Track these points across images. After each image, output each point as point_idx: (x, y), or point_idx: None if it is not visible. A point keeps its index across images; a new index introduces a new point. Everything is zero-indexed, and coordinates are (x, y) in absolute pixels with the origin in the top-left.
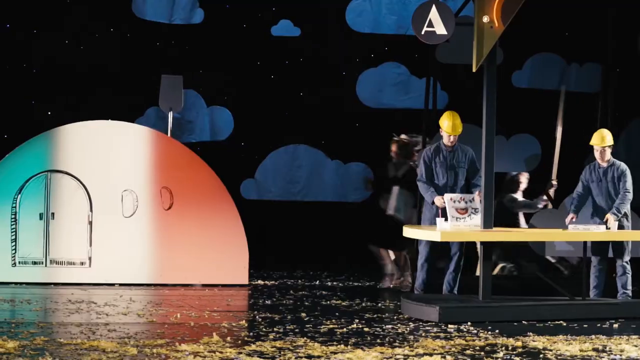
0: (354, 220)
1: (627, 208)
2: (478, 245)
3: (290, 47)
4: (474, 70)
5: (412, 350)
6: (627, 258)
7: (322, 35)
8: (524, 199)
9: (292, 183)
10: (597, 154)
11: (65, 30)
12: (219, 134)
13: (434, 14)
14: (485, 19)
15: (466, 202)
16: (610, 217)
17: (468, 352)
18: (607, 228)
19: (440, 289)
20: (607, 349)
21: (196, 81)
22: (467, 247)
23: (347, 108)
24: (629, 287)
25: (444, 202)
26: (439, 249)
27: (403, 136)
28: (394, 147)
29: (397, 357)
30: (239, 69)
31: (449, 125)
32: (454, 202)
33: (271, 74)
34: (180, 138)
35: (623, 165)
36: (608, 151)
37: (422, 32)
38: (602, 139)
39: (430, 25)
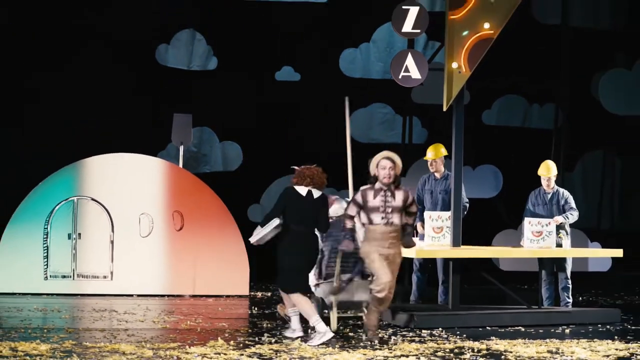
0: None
1: (572, 221)
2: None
3: (291, 90)
4: (444, 109)
5: (390, 352)
6: (568, 272)
7: (319, 79)
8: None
9: None
10: (543, 182)
11: (97, 74)
12: (230, 165)
13: (409, 61)
14: (454, 65)
15: (442, 221)
16: (558, 218)
17: (439, 354)
18: (558, 233)
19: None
20: (560, 351)
21: (211, 119)
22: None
23: (341, 143)
24: (570, 297)
25: (423, 230)
26: (428, 264)
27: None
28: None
29: (378, 358)
30: (248, 108)
31: (429, 152)
32: (432, 220)
33: (275, 112)
34: (196, 169)
35: (566, 192)
36: (553, 180)
37: (400, 77)
38: (547, 170)
39: (407, 70)
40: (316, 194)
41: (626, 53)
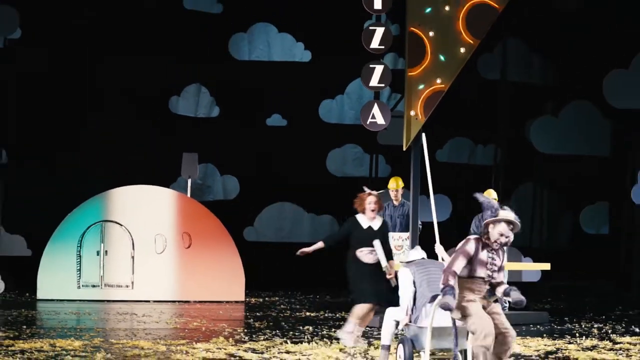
0: (323, 255)
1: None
2: None
3: (280, 133)
4: (404, 149)
5: (360, 347)
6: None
7: (303, 125)
8: None
9: (280, 230)
10: None
11: (123, 121)
12: (229, 195)
13: (375, 109)
14: (412, 112)
15: (402, 240)
16: None
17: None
18: None
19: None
20: None
21: (214, 157)
22: None
23: (320, 176)
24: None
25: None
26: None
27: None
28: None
29: (350, 351)
30: (245, 148)
31: (390, 183)
32: (394, 239)
33: (267, 152)
34: (201, 197)
35: None
36: None
37: (368, 122)
38: (489, 194)
39: (373, 117)
40: None
41: (553, 103)
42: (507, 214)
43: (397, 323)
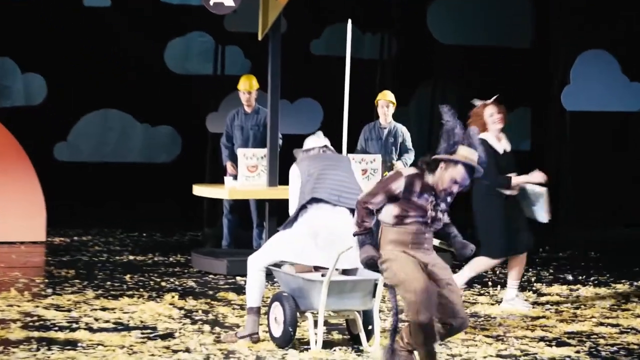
0: (162, 180)
1: (409, 164)
2: None
3: (101, 17)
4: (259, 38)
5: (202, 302)
6: None
7: (133, 5)
8: None
9: (103, 145)
10: (380, 111)
11: None
12: (34, 100)
13: None
14: None
15: (257, 159)
16: (398, 164)
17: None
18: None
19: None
20: None
21: (13, 50)
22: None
23: (157, 75)
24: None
25: (234, 170)
26: (240, 206)
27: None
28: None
29: (188, 307)
30: (53, 37)
31: (241, 83)
32: (247, 158)
33: (84, 42)
34: None
35: (404, 129)
36: (391, 109)
37: (211, 3)
38: (384, 95)
39: None
40: None
41: None
42: (470, 153)
43: (267, 270)
